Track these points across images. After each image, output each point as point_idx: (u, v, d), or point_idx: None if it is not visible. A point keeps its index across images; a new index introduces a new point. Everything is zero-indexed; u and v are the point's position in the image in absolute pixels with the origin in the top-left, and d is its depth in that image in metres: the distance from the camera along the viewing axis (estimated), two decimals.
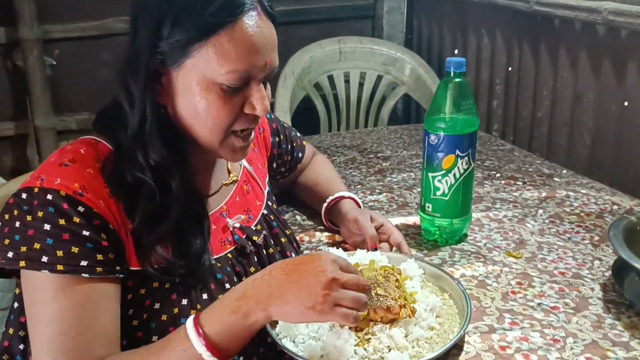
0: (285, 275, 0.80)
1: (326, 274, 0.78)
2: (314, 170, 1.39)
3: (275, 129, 1.26)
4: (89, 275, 0.80)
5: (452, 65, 1.17)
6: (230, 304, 0.80)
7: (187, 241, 0.89)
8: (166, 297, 0.88)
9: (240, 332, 0.79)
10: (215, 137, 0.88)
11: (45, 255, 0.79)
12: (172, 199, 0.87)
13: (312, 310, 0.77)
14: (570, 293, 1.07)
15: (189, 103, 0.85)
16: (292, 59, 2.46)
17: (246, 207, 1.06)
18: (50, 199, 0.81)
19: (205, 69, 0.83)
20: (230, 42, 0.82)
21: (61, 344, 0.78)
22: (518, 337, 0.95)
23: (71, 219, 0.80)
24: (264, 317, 0.79)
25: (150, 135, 0.86)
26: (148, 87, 0.85)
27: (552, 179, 1.58)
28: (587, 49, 1.89)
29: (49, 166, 0.85)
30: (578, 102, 1.96)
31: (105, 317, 0.82)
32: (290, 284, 0.79)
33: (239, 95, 0.86)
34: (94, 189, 0.83)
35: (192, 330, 0.78)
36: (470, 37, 2.46)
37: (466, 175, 1.20)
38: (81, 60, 2.46)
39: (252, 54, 0.84)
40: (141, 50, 0.84)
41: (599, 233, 1.29)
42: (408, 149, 1.84)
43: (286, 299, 0.78)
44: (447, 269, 1.13)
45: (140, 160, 0.86)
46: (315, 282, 0.78)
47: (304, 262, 0.81)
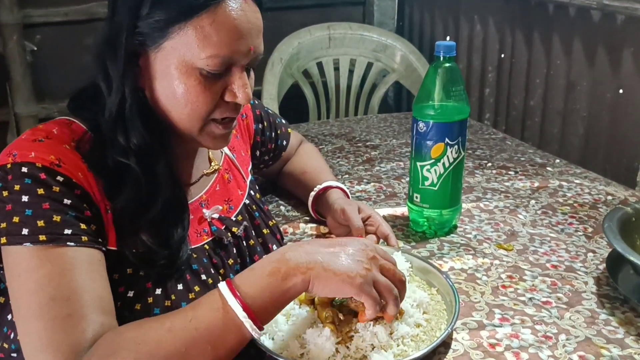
0: (326, 246, 0.78)
1: (367, 252, 0.79)
2: (301, 158, 1.34)
3: (259, 116, 1.22)
4: (74, 244, 0.75)
5: (441, 50, 1.12)
6: (267, 266, 0.76)
7: (169, 231, 0.86)
8: (140, 285, 0.84)
9: (278, 295, 0.75)
10: (194, 124, 0.84)
11: (25, 227, 0.74)
12: (158, 185, 0.84)
13: (352, 280, 0.75)
14: (562, 287, 1.03)
15: (167, 87, 0.82)
16: (280, 45, 2.40)
17: (227, 196, 1.02)
18: (26, 171, 0.76)
19: (185, 52, 0.79)
20: (212, 25, 0.78)
21: (52, 310, 0.71)
22: (508, 334, 0.91)
23: (50, 188, 0.76)
24: (302, 282, 0.75)
25: (131, 119, 0.82)
26: (127, 69, 0.81)
27: (544, 168, 1.54)
28: (581, 36, 1.85)
29: (20, 142, 0.80)
30: (572, 90, 1.92)
31: (96, 282, 0.76)
32: (332, 253, 0.77)
33: (220, 82, 0.82)
34: (71, 161, 0.79)
35: (227, 291, 0.73)
36: (462, 23, 2.41)
37: (456, 165, 1.15)
38: (63, 46, 2.40)
39: (235, 38, 0.80)
40: (119, 30, 0.80)
41: (592, 224, 1.25)
42: (397, 137, 1.79)
43: (328, 265, 0.75)
44: (436, 262, 1.09)
45: (122, 143, 0.82)
46: (359, 253, 0.77)
47: (345, 239, 0.81)
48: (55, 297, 0.72)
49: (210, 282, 0.92)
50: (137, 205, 0.82)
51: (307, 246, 0.78)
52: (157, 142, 0.85)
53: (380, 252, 0.82)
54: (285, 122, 1.31)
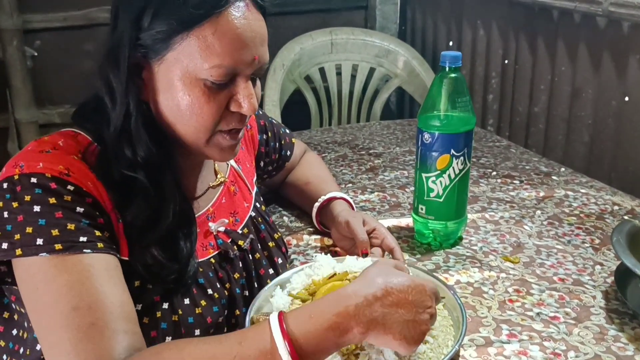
0: (391, 304, 0.72)
1: (431, 310, 0.75)
2: (305, 168, 1.33)
3: (263, 126, 1.20)
4: (91, 251, 0.73)
5: (447, 60, 1.10)
6: (328, 317, 0.70)
7: (178, 245, 0.84)
8: (148, 298, 0.82)
9: (330, 349, 0.72)
10: (201, 136, 0.83)
11: (40, 237, 0.72)
12: (165, 199, 0.82)
13: (409, 344, 0.73)
14: (570, 301, 1.01)
15: (171, 99, 0.80)
16: (282, 51, 2.39)
17: (233, 209, 1.00)
18: (35, 181, 0.74)
19: (188, 63, 0.78)
20: (215, 34, 0.77)
21: (75, 320, 0.69)
22: (516, 351, 0.89)
23: (62, 197, 0.74)
24: (360, 339, 0.72)
25: (137, 133, 0.81)
26: (130, 82, 0.80)
27: (550, 177, 1.53)
28: (586, 42, 1.83)
29: (27, 153, 0.78)
30: (577, 97, 1.90)
31: (117, 287, 0.74)
32: (397, 313, 0.72)
33: (225, 92, 0.81)
34: (80, 171, 0.77)
35: (279, 336, 0.68)
36: (466, 28, 2.40)
37: (462, 176, 1.14)
38: (63, 51, 2.38)
39: (238, 48, 0.78)
40: (121, 42, 0.79)
41: (599, 236, 1.23)
42: (401, 145, 1.78)
43: (389, 328, 0.72)
44: (441, 275, 1.07)
45: (128, 157, 0.81)
46: (421, 317, 0.74)
47: (411, 292, 0.74)
48: (78, 306, 0.69)
49: (217, 296, 0.90)
50: (147, 219, 0.81)
51: (372, 299, 0.72)
52: (163, 155, 0.83)
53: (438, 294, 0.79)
54: (290, 132, 1.30)
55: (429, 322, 0.75)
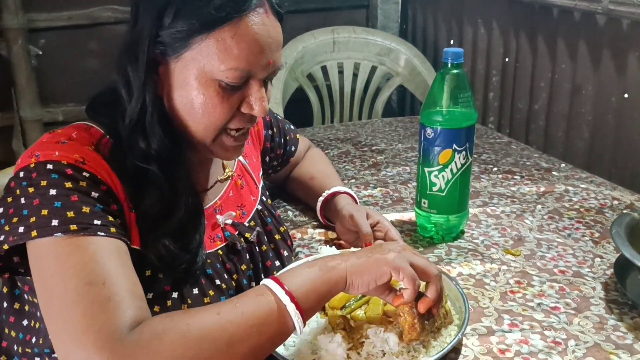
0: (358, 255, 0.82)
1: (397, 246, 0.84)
2: (310, 163, 1.35)
3: (269, 122, 1.22)
4: (104, 235, 0.74)
5: (449, 56, 1.12)
6: (304, 263, 0.81)
7: (189, 236, 0.87)
8: (159, 287, 0.84)
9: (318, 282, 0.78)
10: (209, 134, 0.85)
11: (55, 218, 0.73)
12: (177, 191, 0.84)
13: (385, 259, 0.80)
14: (571, 292, 1.03)
15: (185, 97, 0.82)
16: (285, 49, 2.40)
17: (240, 202, 1.03)
18: (52, 167, 0.76)
19: (205, 63, 0.80)
20: (234, 38, 0.79)
21: (89, 294, 0.69)
22: (518, 340, 0.91)
23: (78, 182, 0.76)
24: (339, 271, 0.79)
25: (151, 126, 0.83)
26: (148, 77, 0.82)
27: (550, 173, 1.55)
28: (586, 40, 1.85)
29: (43, 144, 0.80)
30: (577, 94, 1.92)
31: (128, 268, 0.75)
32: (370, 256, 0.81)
33: (238, 94, 0.83)
34: (95, 160, 0.79)
35: (271, 282, 0.76)
36: (466, 27, 2.42)
37: (463, 170, 1.16)
38: (67, 50, 2.40)
39: (255, 52, 0.80)
40: (142, 38, 0.80)
41: (599, 229, 1.25)
42: (403, 141, 1.79)
43: (360, 256, 0.81)
44: (444, 268, 1.09)
45: (142, 149, 0.83)
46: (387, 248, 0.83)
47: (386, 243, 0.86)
48: (92, 281, 0.69)
49: (224, 287, 0.92)
50: (160, 210, 0.83)
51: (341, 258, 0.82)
52: (175, 149, 0.85)
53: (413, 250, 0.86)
54: (294, 128, 1.32)
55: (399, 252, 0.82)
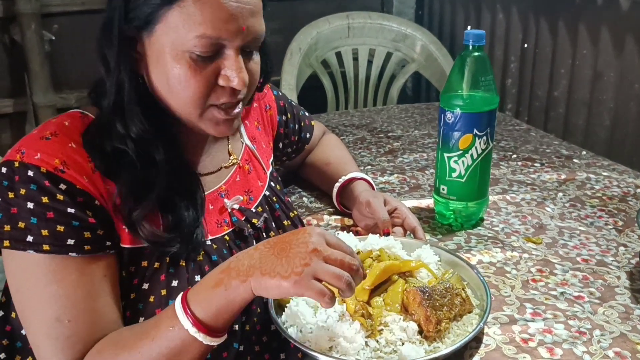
0: (270, 247, 0.76)
1: (307, 245, 0.74)
2: (325, 149, 1.32)
3: (283, 107, 1.20)
4: (77, 254, 0.77)
5: (470, 38, 1.09)
6: (214, 277, 0.76)
7: (178, 215, 0.85)
8: (155, 277, 0.84)
9: (225, 306, 0.75)
10: (192, 110, 0.82)
11: (30, 235, 0.76)
12: (156, 173, 0.82)
13: (287, 280, 0.72)
14: (595, 282, 1.01)
15: (161, 72, 0.80)
16: (299, 35, 2.38)
17: (247, 187, 1.01)
18: (32, 175, 0.77)
19: (174, 35, 0.78)
20: (196, 4, 0.76)
21: (57, 330, 0.77)
22: (541, 329, 0.89)
23: (54, 197, 0.77)
24: (244, 290, 0.74)
25: (130, 107, 0.81)
26: (122, 55, 0.80)
27: (571, 160, 1.51)
28: (609, 25, 1.81)
29: (30, 139, 0.80)
30: (598, 81, 1.88)
31: (99, 299, 0.79)
32: (271, 255, 0.74)
33: (212, 65, 0.80)
34: (76, 164, 0.79)
35: (179, 309, 0.75)
36: (484, 12, 2.37)
37: (484, 156, 1.13)
38: (81, 35, 2.38)
39: (222, 18, 0.77)
40: (114, 16, 0.79)
41: (622, 218, 1.22)
42: (420, 128, 1.76)
43: (264, 270, 0.73)
44: (463, 255, 1.07)
45: (119, 130, 0.81)
46: (295, 252, 0.73)
47: (290, 235, 0.77)
48: (59, 318, 0.77)
49: None
50: (136, 192, 0.81)
51: (252, 251, 0.77)
52: (157, 128, 0.83)
53: (332, 240, 0.77)
54: (309, 115, 1.29)
55: (308, 254, 0.73)
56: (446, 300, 0.85)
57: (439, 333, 0.83)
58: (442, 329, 0.82)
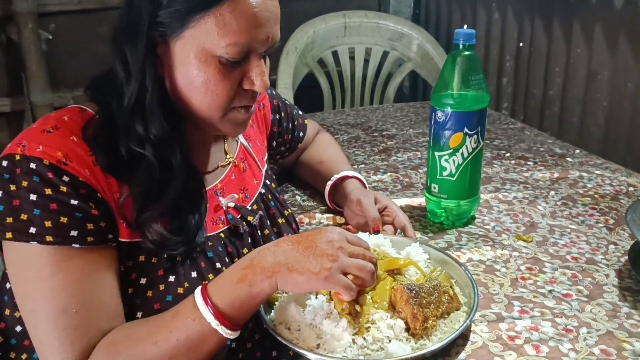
0: (293, 244, 0.79)
1: (334, 244, 0.79)
2: (318, 148, 1.33)
3: (276, 106, 1.20)
4: (80, 246, 0.77)
5: (460, 38, 1.10)
6: (236, 272, 0.79)
7: (184, 217, 0.86)
8: (152, 272, 0.85)
9: (247, 301, 0.78)
10: (215, 113, 0.84)
11: (33, 226, 0.76)
12: (172, 176, 0.84)
13: (318, 275, 0.77)
14: (583, 280, 1.01)
15: (187, 76, 0.81)
16: (295, 34, 2.38)
17: (242, 185, 1.01)
18: (34, 167, 0.77)
19: (205, 40, 0.79)
20: (233, 13, 0.78)
21: (63, 321, 0.76)
22: (528, 327, 0.89)
23: (57, 188, 0.77)
24: (269, 285, 0.78)
25: (151, 108, 0.82)
26: (147, 58, 0.81)
27: (564, 159, 1.52)
28: (603, 23, 1.81)
29: (30, 132, 0.81)
30: (592, 80, 1.88)
31: (104, 289, 0.80)
32: (296, 252, 0.78)
33: (238, 70, 0.82)
34: (78, 157, 0.79)
35: (200, 301, 0.77)
36: (480, 11, 2.37)
37: (475, 155, 1.13)
38: (78, 35, 2.39)
39: (254, 27, 0.79)
40: (139, 19, 0.79)
41: (614, 216, 1.23)
42: (414, 127, 1.77)
43: (292, 266, 0.77)
44: (454, 253, 1.07)
45: (139, 133, 0.82)
46: (322, 249, 0.78)
47: (312, 233, 0.81)
48: (66, 308, 0.76)
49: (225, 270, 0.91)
50: (150, 193, 0.82)
51: (274, 248, 0.80)
52: (175, 131, 0.84)
53: (352, 238, 0.83)
54: (302, 113, 1.30)
55: (335, 252, 0.78)
56: (433, 298, 0.85)
57: (426, 330, 0.83)
58: (429, 326, 0.83)
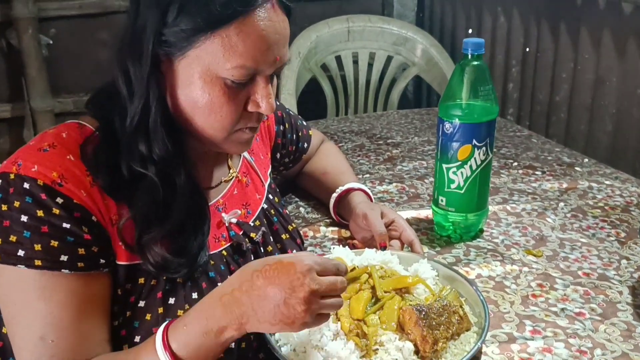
0: (258, 290, 0.72)
1: (304, 288, 0.70)
2: (323, 158, 1.30)
3: (281, 117, 1.18)
4: (69, 272, 0.75)
5: (469, 47, 1.07)
6: (200, 324, 0.73)
7: (187, 238, 0.83)
8: (151, 295, 0.82)
9: (214, 348, 0.74)
10: (219, 134, 0.82)
11: (22, 249, 0.73)
12: (176, 195, 0.81)
13: (292, 325, 0.72)
14: (596, 297, 0.98)
15: (190, 96, 0.79)
16: (298, 39, 2.35)
17: (244, 200, 0.98)
18: (28, 187, 0.74)
19: (210, 61, 0.76)
20: (239, 35, 0.75)
21: (40, 349, 0.75)
22: (540, 348, 0.87)
23: (50, 211, 0.74)
24: (239, 334, 0.74)
25: (155, 128, 0.79)
26: (152, 76, 0.78)
27: (573, 168, 1.49)
28: (611, 29, 1.78)
29: (27, 150, 0.78)
30: (600, 86, 1.85)
31: (87, 319, 0.77)
32: (264, 301, 0.71)
33: (244, 92, 0.80)
34: (75, 177, 0.76)
35: (162, 352, 0.73)
36: (485, 15, 2.35)
37: (483, 167, 1.10)
38: (78, 40, 2.37)
39: (262, 49, 0.76)
40: (143, 36, 0.76)
41: (625, 229, 1.20)
42: (419, 135, 1.74)
43: (262, 317, 0.72)
44: (462, 269, 1.05)
45: (142, 153, 0.79)
46: (293, 299, 0.70)
47: (278, 275, 0.72)
48: (44, 337, 0.74)
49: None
50: (152, 215, 0.79)
51: (238, 294, 0.72)
52: (178, 149, 0.82)
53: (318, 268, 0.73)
54: (307, 124, 1.27)
55: (307, 298, 0.70)
56: (443, 318, 0.83)
57: (436, 353, 0.81)
58: (439, 349, 0.80)
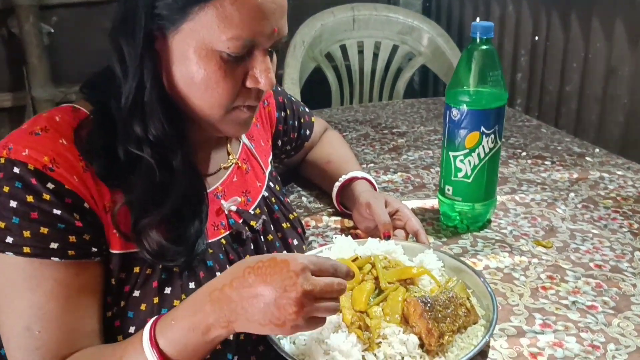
0: (249, 287, 0.69)
1: (297, 288, 0.67)
2: (326, 146, 1.27)
3: (282, 103, 1.14)
4: (59, 259, 0.72)
5: (478, 31, 1.03)
6: (188, 320, 0.71)
7: (185, 224, 0.80)
8: (147, 284, 0.79)
9: (201, 347, 0.71)
10: (216, 112, 0.78)
11: (11, 236, 0.71)
12: (173, 179, 0.78)
13: (282, 327, 0.68)
14: (609, 290, 0.95)
15: (186, 72, 0.75)
16: (302, 28, 2.32)
17: (244, 188, 0.95)
18: (18, 172, 0.72)
19: (205, 34, 0.73)
20: (235, 4, 0.72)
21: (26, 340, 0.73)
22: (551, 342, 0.83)
23: (40, 196, 0.72)
24: (226, 333, 0.71)
25: (151, 107, 0.76)
26: (145, 53, 0.75)
27: (583, 158, 1.45)
28: (623, 17, 1.74)
29: (18, 134, 0.75)
30: (612, 76, 1.81)
31: (75, 310, 0.74)
32: (255, 299, 0.68)
33: (241, 66, 0.76)
34: (67, 162, 0.74)
35: (148, 349, 0.70)
36: (493, 3, 2.31)
37: (492, 155, 1.07)
38: (80, 28, 2.34)
39: (258, 19, 0.73)
40: (136, 11, 0.73)
41: (638, 220, 1.16)
42: (425, 124, 1.70)
43: (252, 316, 0.68)
44: (469, 260, 1.01)
45: (138, 134, 0.76)
46: (284, 299, 0.67)
47: (270, 272, 0.69)
48: (30, 328, 0.73)
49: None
50: (149, 199, 0.76)
51: (228, 290, 0.69)
52: (175, 132, 0.79)
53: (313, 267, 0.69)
54: (309, 111, 1.24)
55: (299, 299, 0.66)
56: (449, 311, 0.79)
57: (442, 347, 0.77)
58: (445, 342, 0.77)
